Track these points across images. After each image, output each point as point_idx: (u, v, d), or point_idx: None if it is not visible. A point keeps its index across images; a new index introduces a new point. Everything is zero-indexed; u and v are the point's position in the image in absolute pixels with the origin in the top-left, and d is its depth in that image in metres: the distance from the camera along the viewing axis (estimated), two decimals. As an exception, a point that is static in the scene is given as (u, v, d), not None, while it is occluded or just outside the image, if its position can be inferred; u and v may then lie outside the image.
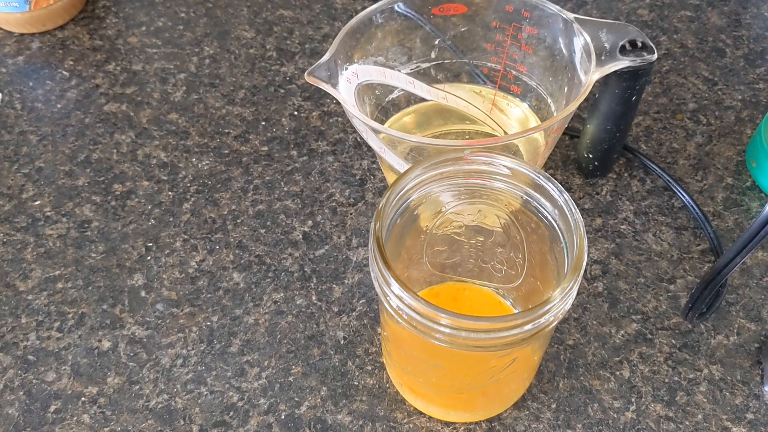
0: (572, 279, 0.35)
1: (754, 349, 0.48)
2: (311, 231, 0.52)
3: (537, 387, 0.46)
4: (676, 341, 0.48)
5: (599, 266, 0.51)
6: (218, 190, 0.54)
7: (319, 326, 0.48)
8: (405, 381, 0.44)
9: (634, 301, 0.49)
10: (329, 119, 0.58)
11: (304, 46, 0.62)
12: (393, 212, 0.38)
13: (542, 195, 0.38)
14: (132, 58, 0.61)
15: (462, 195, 0.40)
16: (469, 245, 0.43)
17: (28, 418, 0.45)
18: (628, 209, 0.53)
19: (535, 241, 0.41)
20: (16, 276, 0.50)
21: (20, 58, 0.61)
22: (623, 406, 0.45)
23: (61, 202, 0.54)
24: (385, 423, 0.45)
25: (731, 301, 0.49)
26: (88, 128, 0.57)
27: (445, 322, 0.34)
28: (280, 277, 0.50)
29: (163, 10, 0.64)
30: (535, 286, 0.42)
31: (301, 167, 0.55)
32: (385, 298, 0.36)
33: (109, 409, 0.45)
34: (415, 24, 0.49)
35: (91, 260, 0.51)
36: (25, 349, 0.47)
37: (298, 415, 0.45)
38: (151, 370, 0.47)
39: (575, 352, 0.47)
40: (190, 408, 0.45)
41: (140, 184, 0.54)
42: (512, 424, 0.45)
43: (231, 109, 0.58)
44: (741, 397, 0.46)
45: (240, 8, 0.64)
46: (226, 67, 0.61)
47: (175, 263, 0.51)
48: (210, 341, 0.48)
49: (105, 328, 0.48)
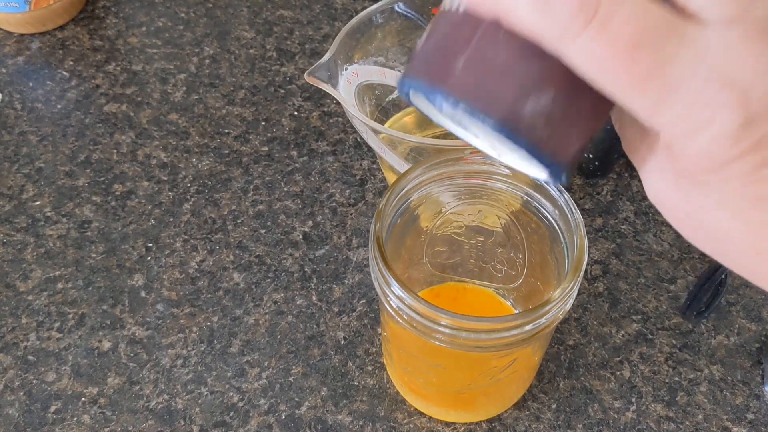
0: (573, 279, 0.35)
1: (754, 349, 0.48)
2: (311, 231, 0.52)
3: (537, 387, 0.46)
4: (677, 341, 0.48)
5: (600, 266, 0.51)
6: (218, 191, 0.54)
7: (319, 326, 0.48)
8: (405, 381, 0.44)
9: (635, 301, 0.49)
10: (329, 119, 0.58)
11: (304, 47, 0.62)
12: (393, 212, 0.38)
13: (542, 195, 0.38)
14: (132, 58, 0.61)
15: (462, 195, 0.40)
16: (470, 245, 0.43)
17: (28, 419, 0.45)
18: (629, 209, 0.53)
19: (536, 242, 0.41)
20: (16, 276, 0.50)
21: (20, 58, 0.61)
22: (624, 407, 0.45)
23: (61, 202, 0.54)
24: (385, 423, 0.45)
25: (732, 301, 0.49)
26: (88, 128, 0.57)
27: (445, 322, 0.34)
28: (280, 278, 0.50)
29: (163, 10, 0.64)
30: (535, 287, 0.42)
31: (302, 167, 0.55)
32: (386, 299, 0.35)
33: (109, 410, 0.45)
34: (415, 24, 0.49)
35: (92, 260, 0.51)
36: (25, 349, 0.47)
37: (299, 416, 0.45)
38: (151, 371, 0.47)
39: (576, 353, 0.47)
40: (191, 408, 0.45)
41: (140, 184, 0.54)
42: (513, 425, 0.45)
43: (231, 109, 0.58)
44: (741, 397, 0.46)
45: (240, 8, 0.64)
46: (226, 68, 0.61)
47: (175, 263, 0.51)
48: (210, 341, 0.48)
49: (105, 328, 0.48)
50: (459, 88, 0.22)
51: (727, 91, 0.20)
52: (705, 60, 0.20)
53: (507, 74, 0.22)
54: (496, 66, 0.22)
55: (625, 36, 0.19)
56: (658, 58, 0.20)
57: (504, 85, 0.22)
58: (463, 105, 0.22)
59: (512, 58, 0.22)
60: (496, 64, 0.22)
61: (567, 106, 0.22)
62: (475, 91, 0.22)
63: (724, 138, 0.20)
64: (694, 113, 0.20)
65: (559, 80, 0.22)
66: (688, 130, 0.20)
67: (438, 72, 0.22)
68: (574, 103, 0.22)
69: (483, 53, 0.22)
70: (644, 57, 0.20)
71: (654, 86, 0.20)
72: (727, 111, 0.20)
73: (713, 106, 0.20)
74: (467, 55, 0.22)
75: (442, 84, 0.22)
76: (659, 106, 0.20)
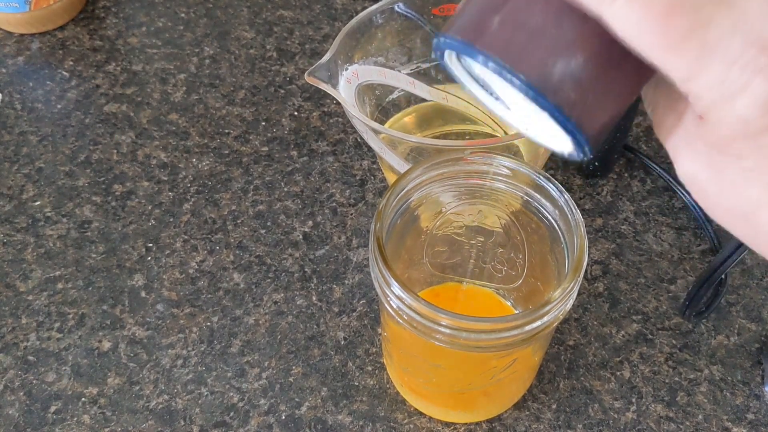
0: (573, 279, 0.35)
1: (754, 350, 0.48)
2: (311, 231, 0.52)
3: (537, 387, 0.46)
4: (677, 341, 0.48)
5: (600, 266, 0.51)
6: (218, 191, 0.54)
7: (319, 327, 0.48)
8: (405, 381, 0.44)
9: (635, 301, 0.49)
10: (329, 119, 0.58)
11: (304, 47, 0.62)
12: (393, 213, 0.38)
13: (543, 195, 0.38)
14: (132, 58, 0.61)
15: (462, 195, 0.40)
16: (470, 246, 0.43)
17: (28, 419, 0.45)
18: (629, 209, 0.53)
19: (536, 242, 0.41)
20: (16, 276, 0.50)
21: (20, 58, 0.61)
22: (624, 407, 0.45)
23: (61, 202, 0.54)
24: (385, 423, 0.45)
25: (732, 302, 0.49)
26: (88, 128, 0.57)
27: (445, 322, 0.34)
28: (280, 278, 0.50)
29: (163, 11, 0.64)
30: (535, 287, 0.42)
31: (302, 167, 0.55)
32: (386, 299, 0.35)
33: (109, 410, 0.45)
34: (415, 24, 0.49)
35: (92, 261, 0.51)
36: (25, 349, 0.47)
37: (299, 416, 0.45)
38: (151, 371, 0.47)
39: (576, 353, 0.47)
40: (191, 408, 0.45)
41: (140, 184, 0.54)
42: (513, 425, 0.45)
43: (231, 109, 0.58)
44: (741, 397, 0.46)
45: (240, 8, 0.64)
46: (226, 68, 0.61)
47: (175, 264, 0.51)
48: (210, 342, 0.48)
49: (105, 328, 0.48)
50: (491, 46, 0.22)
51: (765, 56, 0.19)
52: (743, 24, 0.19)
53: (540, 34, 0.22)
54: (531, 25, 0.22)
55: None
56: (695, 21, 0.19)
57: (536, 44, 0.22)
58: (493, 63, 0.22)
59: (547, 19, 0.22)
60: (531, 23, 0.22)
61: (598, 73, 0.22)
62: (506, 49, 0.22)
63: (761, 103, 0.20)
64: (731, 77, 0.20)
65: (593, 46, 0.21)
66: (725, 95, 0.20)
67: (473, 30, 0.22)
68: (606, 71, 0.22)
69: (519, 12, 0.22)
70: (681, 19, 0.19)
71: (691, 48, 0.20)
72: (764, 76, 0.19)
73: (751, 70, 0.19)
74: (503, 13, 0.22)
75: (475, 41, 0.22)
76: (696, 69, 0.20)
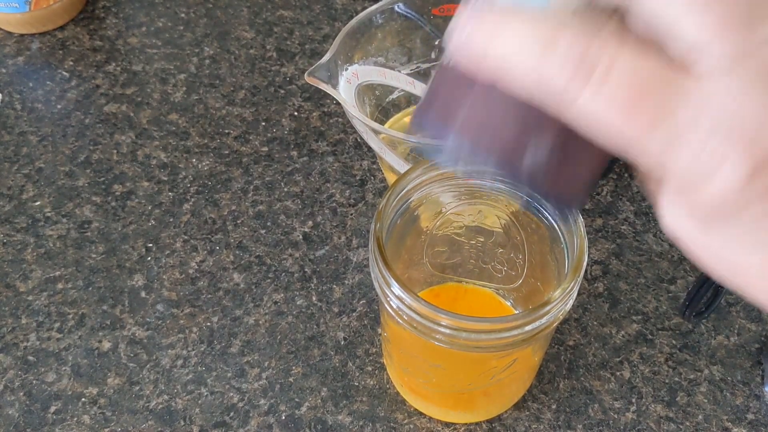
0: (573, 279, 0.35)
1: (754, 350, 0.48)
2: (311, 231, 0.52)
3: (537, 387, 0.46)
4: (677, 342, 0.48)
5: (600, 267, 0.51)
6: (218, 191, 0.54)
7: (319, 327, 0.48)
8: (405, 381, 0.44)
9: (635, 301, 0.49)
10: (329, 120, 0.58)
11: (304, 47, 0.62)
12: (393, 213, 0.38)
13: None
14: (132, 58, 0.61)
15: (462, 195, 0.40)
16: (470, 246, 0.43)
17: (28, 419, 0.45)
18: (629, 209, 0.53)
19: (536, 242, 0.41)
20: (16, 276, 0.50)
21: (20, 58, 0.61)
22: (624, 407, 0.45)
23: (61, 202, 0.54)
24: (385, 423, 0.45)
25: (731, 302, 0.49)
26: (88, 129, 0.57)
27: (445, 322, 0.34)
28: (280, 278, 0.50)
29: (163, 11, 0.64)
30: (535, 287, 0.42)
31: (302, 168, 0.55)
32: (386, 299, 0.35)
33: (109, 410, 0.45)
34: (415, 24, 0.49)
35: (91, 261, 0.51)
36: (25, 349, 0.47)
37: (299, 416, 0.45)
38: (151, 371, 0.47)
39: (576, 353, 0.47)
40: (191, 409, 0.45)
41: (140, 184, 0.54)
42: (513, 425, 0.45)
43: (231, 109, 0.58)
44: (741, 397, 0.46)
45: (240, 9, 0.64)
46: (226, 68, 0.61)
47: (175, 264, 0.51)
48: (210, 342, 0.48)
49: (105, 328, 0.48)
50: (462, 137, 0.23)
51: (732, 142, 0.19)
52: (706, 112, 0.20)
53: (503, 129, 0.23)
54: (493, 121, 0.23)
55: (624, 95, 0.20)
56: (659, 114, 0.20)
57: (500, 140, 0.23)
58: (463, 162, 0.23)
59: (508, 115, 0.22)
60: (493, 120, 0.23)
61: (566, 156, 0.23)
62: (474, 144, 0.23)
63: (734, 185, 0.20)
64: (702, 163, 0.20)
65: (556, 133, 0.22)
66: (698, 177, 0.20)
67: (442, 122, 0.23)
68: (574, 152, 0.23)
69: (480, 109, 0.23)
70: (644, 114, 0.20)
71: (657, 139, 0.20)
72: (733, 160, 0.20)
73: (719, 156, 0.20)
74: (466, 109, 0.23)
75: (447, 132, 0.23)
76: (666, 157, 0.20)
